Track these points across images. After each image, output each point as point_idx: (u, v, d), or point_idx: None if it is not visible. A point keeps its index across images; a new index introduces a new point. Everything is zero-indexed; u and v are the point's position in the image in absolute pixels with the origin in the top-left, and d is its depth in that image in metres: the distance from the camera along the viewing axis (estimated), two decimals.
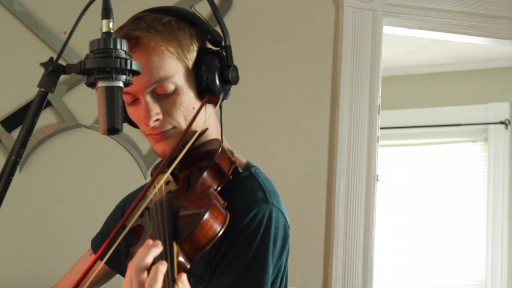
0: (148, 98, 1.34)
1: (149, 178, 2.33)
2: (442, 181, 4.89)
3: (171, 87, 1.34)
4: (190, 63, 1.37)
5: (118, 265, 1.55)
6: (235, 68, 1.41)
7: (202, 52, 1.39)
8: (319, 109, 2.50)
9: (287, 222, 1.37)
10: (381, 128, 2.56)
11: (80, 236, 2.29)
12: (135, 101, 1.37)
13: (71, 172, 2.30)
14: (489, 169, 4.76)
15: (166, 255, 1.11)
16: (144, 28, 1.34)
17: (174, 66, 1.34)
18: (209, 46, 1.41)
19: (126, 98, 1.37)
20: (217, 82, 1.38)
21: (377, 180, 2.52)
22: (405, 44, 4.26)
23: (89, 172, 2.31)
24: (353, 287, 2.46)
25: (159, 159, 1.49)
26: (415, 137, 4.98)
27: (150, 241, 1.13)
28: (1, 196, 1.14)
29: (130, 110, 1.39)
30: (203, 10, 1.51)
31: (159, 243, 1.12)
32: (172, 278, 1.06)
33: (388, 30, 2.61)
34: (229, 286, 1.27)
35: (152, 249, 1.11)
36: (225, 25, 1.41)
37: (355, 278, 2.46)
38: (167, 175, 1.32)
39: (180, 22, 1.38)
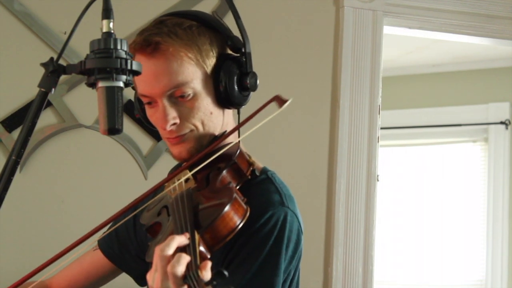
0: (166, 103, 1.36)
1: (149, 178, 2.33)
2: (443, 181, 4.89)
3: (189, 92, 1.36)
4: (209, 69, 1.38)
5: (123, 263, 1.56)
6: (254, 75, 1.42)
7: (222, 58, 1.40)
8: (319, 109, 2.50)
9: (301, 227, 1.38)
10: (381, 128, 2.56)
11: (80, 236, 2.29)
12: (151, 103, 1.38)
13: (72, 172, 2.30)
14: (490, 169, 4.76)
15: (188, 244, 1.12)
16: (165, 33, 1.35)
17: (193, 71, 1.36)
18: (229, 52, 1.43)
19: (143, 99, 1.40)
20: (236, 88, 1.39)
21: (378, 180, 2.52)
22: (405, 44, 4.26)
23: (90, 172, 2.31)
24: (353, 287, 2.46)
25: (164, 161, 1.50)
26: (416, 137, 4.97)
27: (186, 235, 1.14)
28: (1, 196, 1.14)
29: (149, 113, 1.41)
30: (204, 11, 1.51)
31: (187, 234, 1.13)
32: (196, 265, 1.07)
33: (388, 30, 2.61)
34: (239, 286, 1.27)
35: (178, 237, 1.11)
36: (246, 31, 1.42)
37: (355, 278, 2.46)
38: (188, 175, 1.34)
39: (201, 27, 1.40)
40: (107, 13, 1.13)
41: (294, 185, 1.43)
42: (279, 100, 1.31)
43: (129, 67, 1.12)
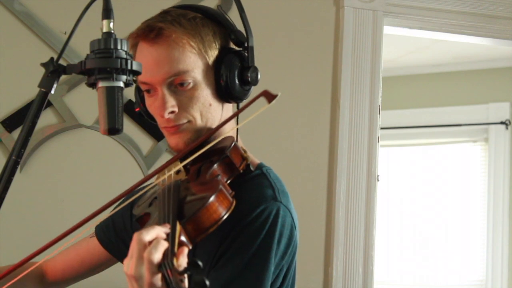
0: (165, 90, 1.36)
1: None
2: (443, 181, 4.89)
3: (189, 81, 1.36)
4: (210, 60, 1.38)
5: (119, 253, 1.56)
6: (256, 69, 1.42)
7: (224, 51, 1.40)
8: (319, 109, 2.50)
9: (294, 222, 1.37)
10: (381, 128, 2.56)
11: (80, 236, 2.29)
12: (150, 91, 1.38)
13: (72, 172, 2.30)
14: (490, 169, 4.76)
15: (168, 233, 1.12)
16: (169, 21, 1.36)
17: (194, 61, 1.36)
18: (232, 46, 1.43)
19: (143, 86, 1.39)
20: (236, 81, 1.39)
21: (378, 180, 2.52)
22: (405, 44, 4.26)
23: (90, 172, 2.31)
24: (353, 287, 2.46)
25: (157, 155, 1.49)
26: (416, 137, 4.97)
27: (166, 225, 1.14)
28: (1, 196, 1.14)
29: (148, 102, 1.41)
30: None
31: (168, 225, 1.13)
32: (172, 253, 1.06)
33: (388, 30, 2.61)
34: (228, 279, 1.27)
35: (158, 227, 1.12)
36: (250, 26, 1.42)
37: (355, 278, 2.46)
38: (179, 166, 1.34)
39: (205, 19, 1.40)
40: (107, 13, 1.13)
41: (294, 185, 1.44)
42: (268, 95, 1.31)
43: (129, 67, 1.12)
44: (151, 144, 2.34)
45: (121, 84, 1.12)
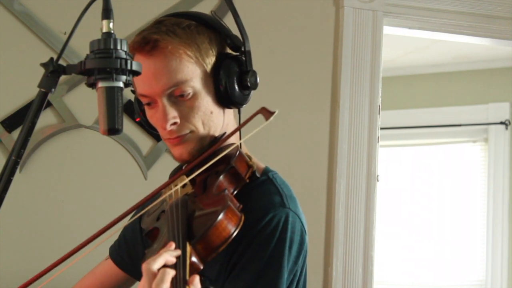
0: (166, 102, 1.35)
1: (149, 178, 2.33)
2: (442, 181, 4.89)
3: (188, 91, 1.35)
4: (208, 68, 1.37)
5: (135, 271, 1.54)
6: (254, 73, 1.41)
7: (221, 57, 1.39)
8: (319, 109, 2.50)
9: (304, 227, 1.37)
10: (381, 128, 2.56)
11: (80, 236, 2.28)
12: (151, 103, 1.37)
13: (72, 173, 2.30)
14: (489, 170, 4.76)
15: (179, 257, 1.11)
16: (163, 32, 1.35)
17: (192, 70, 1.35)
18: (229, 51, 1.42)
19: (143, 99, 1.38)
20: (236, 87, 1.38)
21: (377, 181, 2.52)
22: (405, 45, 4.26)
23: (89, 172, 2.31)
24: (353, 287, 2.46)
25: (158, 160, 1.49)
26: (415, 137, 4.98)
27: (172, 245, 1.13)
28: (1, 197, 1.14)
29: (148, 114, 1.40)
30: (204, 11, 1.51)
31: (178, 251, 1.12)
32: (184, 279, 1.06)
33: (388, 30, 2.61)
34: None
35: (166, 253, 1.11)
36: (245, 30, 1.42)
37: (355, 278, 2.46)
38: (185, 180, 1.33)
39: (200, 26, 1.39)
40: (107, 13, 1.13)
41: (294, 185, 1.44)
42: (266, 112, 1.30)
43: (129, 67, 1.12)
44: (151, 144, 2.34)
45: (121, 84, 1.12)
